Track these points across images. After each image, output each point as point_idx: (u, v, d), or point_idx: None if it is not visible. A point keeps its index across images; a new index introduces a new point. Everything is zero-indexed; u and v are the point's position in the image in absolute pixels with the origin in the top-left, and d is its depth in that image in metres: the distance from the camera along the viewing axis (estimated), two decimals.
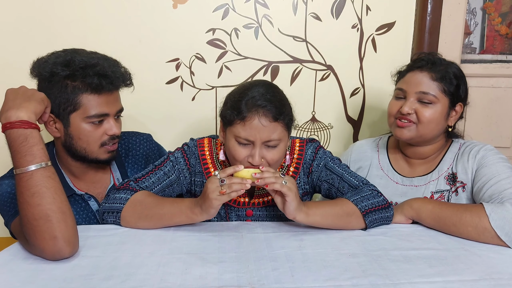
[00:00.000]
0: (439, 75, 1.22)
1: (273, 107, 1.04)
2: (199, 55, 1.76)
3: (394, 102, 1.29)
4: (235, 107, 1.05)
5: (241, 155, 1.07)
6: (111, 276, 0.87)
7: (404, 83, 1.26)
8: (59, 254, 0.93)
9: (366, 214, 1.09)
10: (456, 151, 1.29)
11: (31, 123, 0.96)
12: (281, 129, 1.07)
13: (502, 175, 1.13)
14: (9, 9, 1.66)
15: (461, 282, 0.85)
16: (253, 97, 1.04)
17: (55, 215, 0.92)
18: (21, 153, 0.94)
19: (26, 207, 0.92)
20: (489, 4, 1.92)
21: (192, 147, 1.24)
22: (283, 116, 1.06)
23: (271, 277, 0.87)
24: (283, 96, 1.11)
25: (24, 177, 0.93)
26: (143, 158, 1.33)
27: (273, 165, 1.10)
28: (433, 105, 1.22)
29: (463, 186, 1.23)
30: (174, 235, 1.07)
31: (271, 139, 1.05)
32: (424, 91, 1.22)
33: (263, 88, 1.07)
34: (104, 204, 1.14)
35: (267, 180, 1.00)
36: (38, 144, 0.96)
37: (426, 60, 1.25)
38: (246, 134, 1.04)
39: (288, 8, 1.75)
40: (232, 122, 1.06)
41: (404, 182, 1.32)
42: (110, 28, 1.70)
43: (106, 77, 1.09)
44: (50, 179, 0.95)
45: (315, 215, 1.07)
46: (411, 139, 1.26)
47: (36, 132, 0.97)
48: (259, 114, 1.03)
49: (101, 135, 1.13)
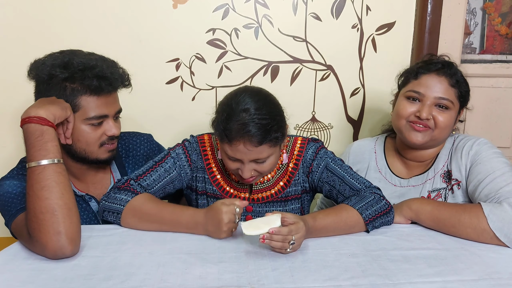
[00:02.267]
0: (455, 80, 1.21)
1: (259, 133, 1.02)
2: (199, 55, 1.76)
3: (407, 104, 1.24)
4: (222, 129, 1.05)
5: (231, 167, 1.11)
6: (111, 276, 0.87)
7: (421, 86, 1.22)
8: (61, 251, 0.93)
9: (369, 222, 1.09)
10: (450, 147, 1.27)
11: (48, 121, 0.99)
12: (269, 148, 1.06)
13: (496, 172, 1.11)
14: (9, 9, 1.66)
15: (461, 282, 0.86)
16: (239, 121, 1.02)
17: (61, 210, 0.94)
18: (36, 147, 0.97)
19: (34, 200, 0.94)
20: (489, 4, 1.92)
21: (193, 143, 1.24)
22: (270, 138, 1.04)
23: (271, 277, 0.87)
24: (272, 112, 1.07)
25: (36, 170, 0.96)
26: (144, 159, 1.32)
27: (265, 173, 1.13)
28: (449, 111, 1.21)
29: (458, 183, 1.22)
30: (174, 235, 1.07)
31: (259, 158, 1.07)
32: (444, 96, 1.20)
33: (253, 106, 1.04)
34: (104, 202, 1.14)
35: (273, 244, 0.95)
36: (53, 141, 0.99)
37: (442, 63, 1.23)
38: (234, 154, 1.06)
39: (288, 8, 1.75)
40: (221, 141, 1.08)
41: (402, 183, 1.32)
42: (110, 28, 1.70)
43: (105, 78, 1.09)
44: (60, 175, 0.97)
45: (320, 234, 1.07)
46: (424, 144, 1.24)
47: (52, 130, 1.00)
48: (244, 140, 1.03)
49: (100, 136, 1.13)
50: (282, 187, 1.23)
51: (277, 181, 1.23)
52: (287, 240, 0.94)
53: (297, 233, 0.95)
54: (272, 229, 0.93)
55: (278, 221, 0.95)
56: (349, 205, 1.10)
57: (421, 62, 1.28)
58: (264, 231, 0.93)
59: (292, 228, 0.95)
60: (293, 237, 0.94)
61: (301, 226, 0.96)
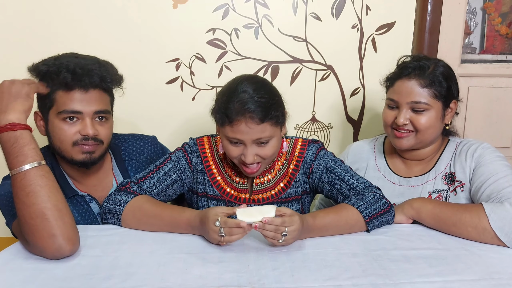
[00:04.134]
0: (428, 80, 1.20)
1: (260, 111, 1.04)
2: (199, 55, 1.76)
3: (388, 112, 1.27)
4: (223, 111, 1.07)
5: (234, 153, 1.11)
6: (111, 275, 0.87)
7: (395, 93, 1.24)
8: (59, 252, 0.93)
9: (369, 221, 1.09)
10: (453, 151, 1.28)
11: (21, 125, 0.97)
12: (270, 127, 1.08)
13: (499, 174, 1.13)
14: (9, 8, 1.66)
15: (461, 282, 0.85)
16: (239, 101, 1.05)
17: (51, 213, 0.93)
18: (13, 154, 0.94)
19: (22, 207, 0.93)
20: (489, 4, 1.92)
21: (193, 146, 1.25)
22: (271, 116, 1.07)
23: (271, 276, 0.87)
24: (271, 93, 1.10)
25: (18, 177, 0.94)
26: (147, 163, 1.32)
27: (267, 159, 1.13)
28: (427, 112, 1.21)
29: (461, 185, 1.23)
30: (174, 235, 1.07)
31: (261, 137, 1.07)
32: (416, 100, 1.20)
33: (251, 88, 1.07)
34: (105, 204, 1.14)
35: (265, 233, 0.96)
36: (29, 144, 0.96)
37: (413, 67, 1.22)
38: (235, 135, 1.07)
39: (288, 8, 1.75)
40: (222, 124, 1.09)
41: (401, 182, 1.32)
42: (110, 28, 1.70)
43: (77, 74, 1.07)
44: (43, 177, 0.95)
45: (320, 232, 1.07)
46: (411, 147, 1.26)
47: (26, 133, 0.97)
48: (246, 118, 1.04)
49: (73, 133, 1.10)
50: (282, 188, 1.23)
51: (278, 182, 1.23)
52: (279, 231, 0.95)
53: (291, 225, 0.96)
54: (266, 219, 0.94)
55: (273, 212, 0.96)
56: (349, 204, 1.11)
57: (396, 68, 1.29)
58: (257, 219, 0.95)
59: (286, 220, 0.96)
60: (285, 228, 0.95)
61: (295, 219, 0.97)
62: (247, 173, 1.15)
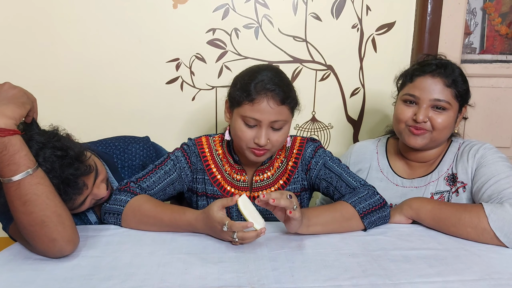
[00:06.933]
0: (451, 80, 1.19)
1: (281, 91, 1.08)
2: (199, 55, 1.76)
3: (404, 108, 1.24)
4: (245, 89, 1.09)
5: (247, 136, 1.11)
6: (111, 276, 0.87)
7: (416, 89, 1.22)
8: (60, 253, 0.94)
9: (364, 216, 1.09)
10: (456, 151, 1.28)
11: (9, 130, 0.88)
12: (287, 112, 1.12)
13: (501, 175, 1.13)
14: (9, 8, 1.66)
15: (461, 282, 0.85)
16: (262, 81, 1.08)
17: (50, 220, 0.91)
18: (3, 162, 0.87)
19: (20, 216, 0.90)
20: (489, 4, 1.92)
21: (192, 146, 1.25)
22: (290, 100, 1.11)
23: (271, 277, 0.87)
24: (289, 81, 1.16)
25: (12, 186, 0.88)
26: (141, 168, 1.30)
27: (276, 147, 1.15)
28: (446, 112, 1.20)
29: (463, 186, 1.22)
30: (174, 235, 1.07)
31: (278, 120, 1.10)
32: (439, 98, 1.19)
33: (271, 73, 1.11)
34: (105, 204, 1.14)
35: (273, 195, 0.95)
36: (20, 151, 0.89)
37: (437, 64, 1.21)
38: (254, 114, 1.08)
39: (288, 8, 1.75)
40: (241, 103, 1.10)
41: (404, 183, 1.32)
42: (110, 28, 1.70)
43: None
44: (39, 185, 0.90)
45: (315, 225, 1.07)
46: (424, 146, 1.25)
47: (15, 139, 0.89)
48: (268, 97, 1.07)
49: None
50: (281, 185, 1.24)
51: (277, 179, 1.24)
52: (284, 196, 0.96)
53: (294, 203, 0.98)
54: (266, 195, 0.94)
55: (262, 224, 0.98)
56: (343, 201, 1.13)
57: (416, 64, 1.28)
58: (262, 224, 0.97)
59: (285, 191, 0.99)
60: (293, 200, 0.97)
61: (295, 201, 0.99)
62: (255, 156, 1.14)
